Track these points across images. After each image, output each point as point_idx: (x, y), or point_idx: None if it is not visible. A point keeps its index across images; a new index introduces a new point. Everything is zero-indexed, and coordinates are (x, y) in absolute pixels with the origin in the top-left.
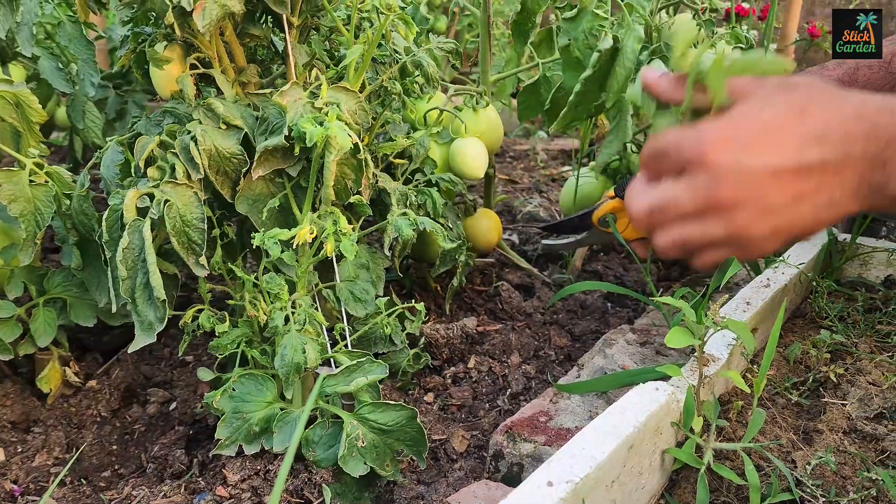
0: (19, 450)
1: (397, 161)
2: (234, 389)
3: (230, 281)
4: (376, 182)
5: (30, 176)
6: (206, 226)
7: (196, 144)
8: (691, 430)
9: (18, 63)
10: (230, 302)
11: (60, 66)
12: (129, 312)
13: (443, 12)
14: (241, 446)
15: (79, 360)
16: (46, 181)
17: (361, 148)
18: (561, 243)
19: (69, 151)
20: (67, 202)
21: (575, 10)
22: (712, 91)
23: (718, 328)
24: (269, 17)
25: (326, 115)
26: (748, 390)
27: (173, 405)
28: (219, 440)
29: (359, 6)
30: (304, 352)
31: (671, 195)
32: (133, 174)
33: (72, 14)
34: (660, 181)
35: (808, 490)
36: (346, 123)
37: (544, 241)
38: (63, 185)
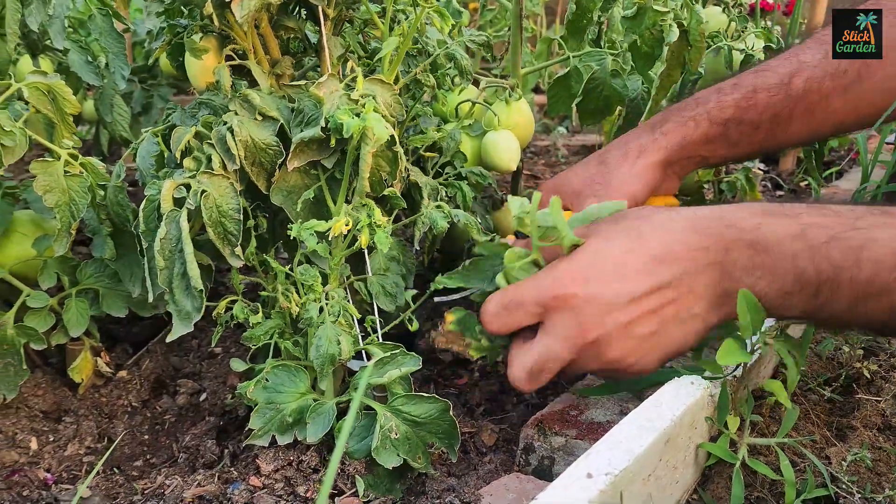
0: (51, 439)
1: (427, 154)
2: (267, 380)
3: (262, 272)
4: (407, 175)
5: (64, 167)
6: (241, 216)
7: (233, 135)
8: (725, 426)
9: (46, 56)
10: (263, 293)
11: (90, 59)
12: (158, 303)
13: (463, 6)
14: (273, 437)
15: (109, 350)
16: (81, 172)
17: (397, 140)
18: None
19: (95, 144)
20: (101, 193)
21: (635, 8)
22: (559, 237)
23: (767, 347)
24: (303, 9)
25: (363, 107)
26: (784, 395)
27: (203, 396)
28: (251, 430)
29: None
30: (339, 343)
31: (545, 350)
32: (167, 165)
33: (102, 7)
34: (522, 337)
35: (844, 486)
36: (382, 116)
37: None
38: (97, 177)
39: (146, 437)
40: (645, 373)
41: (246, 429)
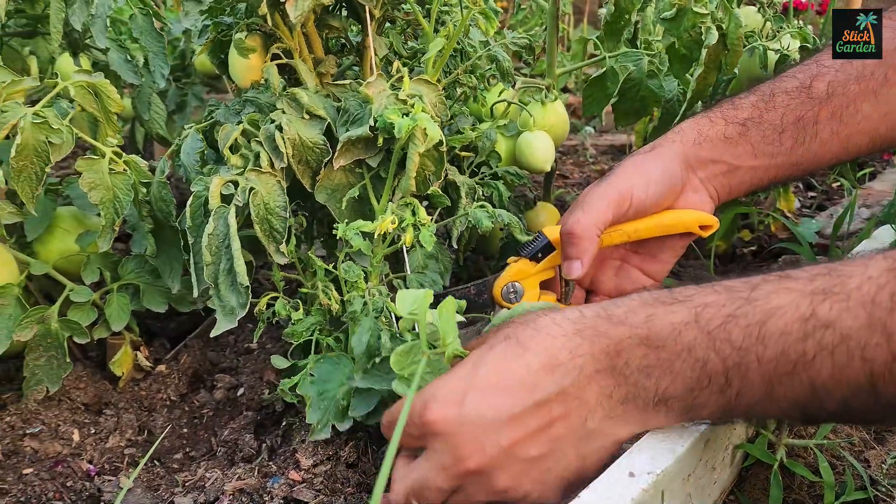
0: (93, 431)
1: (463, 153)
2: (313, 374)
3: (301, 269)
4: (446, 175)
5: (109, 164)
6: (287, 214)
7: (281, 133)
8: (763, 426)
9: (85, 55)
10: (303, 290)
11: (128, 58)
12: (197, 299)
13: None
14: (333, 426)
15: (147, 345)
16: (124, 170)
17: (444, 140)
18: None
19: (130, 142)
20: (144, 190)
21: (674, 10)
22: (443, 345)
23: None
24: (346, 8)
25: (412, 107)
26: None
27: (240, 391)
28: (290, 425)
29: None
30: (380, 338)
31: (422, 479)
32: (207, 161)
33: (142, 7)
34: (412, 456)
35: (883, 489)
36: (430, 116)
37: None
38: (140, 174)
39: (185, 430)
40: (554, 500)
41: (283, 424)
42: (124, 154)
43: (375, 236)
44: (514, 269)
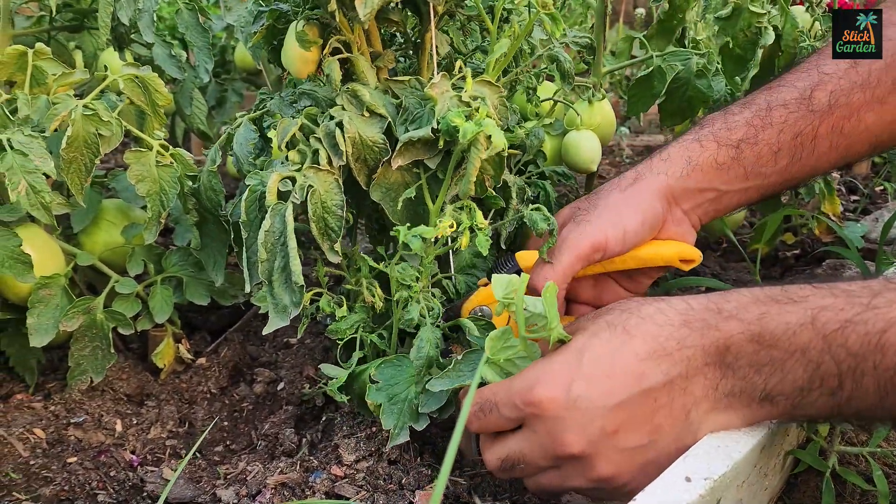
0: (135, 422)
1: (510, 152)
2: (378, 381)
3: (345, 266)
4: None
5: (156, 157)
6: (344, 213)
7: (342, 130)
8: (815, 433)
9: (129, 50)
10: (347, 287)
11: (172, 53)
12: (238, 293)
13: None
14: (410, 428)
15: (188, 337)
16: (171, 163)
17: (506, 145)
18: None
19: (170, 137)
20: (189, 183)
21: (730, 9)
22: (547, 329)
23: None
24: (405, 3)
25: (476, 109)
26: None
27: (280, 385)
28: (330, 420)
29: None
30: (438, 346)
31: (518, 450)
32: (262, 151)
33: (189, 3)
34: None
35: None
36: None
37: None
38: (186, 167)
39: (225, 423)
40: (636, 490)
41: (323, 419)
42: (171, 147)
43: (430, 239)
44: (484, 294)
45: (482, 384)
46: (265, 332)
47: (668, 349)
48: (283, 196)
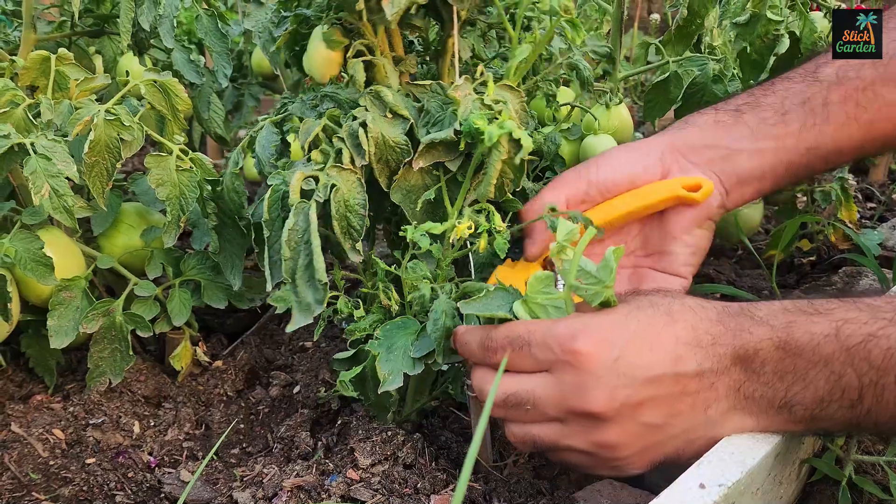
0: (152, 424)
1: (529, 157)
2: (379, 337)
3: (361, 269)
4: None
5: (176, 161)
6: (366, 212)
7: (366, 131)
8: (832, 441)
9: (148, 55)
10: (363, 290)
11: (191, 58)
12: (254, 297)
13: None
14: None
15: (204, 340)
16: (190, 167)
17: (531, 147)
18: None
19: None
20: (209, 187)
21: (748, 15)
22: (599, 287)
23: None
24: (427, 8)
25: (499, 113)
26: None
27: (296, 388)
28: (346, 423)
29: (532, 4)
30: (454, 317)
31: (527, 391)
32: (281, 154)
33: (208, 8)
34: (517, 372)
35: None
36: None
37: None
38: (205, 171)
39: (242, 426)
40: (623, 474)
41: (339, 422)
42: (190, 152)
43: (448, 241)
44: (499, 275)
45: (504, 321)
46: (288, 329)
47: (704, 342)
48: (305, 195)
